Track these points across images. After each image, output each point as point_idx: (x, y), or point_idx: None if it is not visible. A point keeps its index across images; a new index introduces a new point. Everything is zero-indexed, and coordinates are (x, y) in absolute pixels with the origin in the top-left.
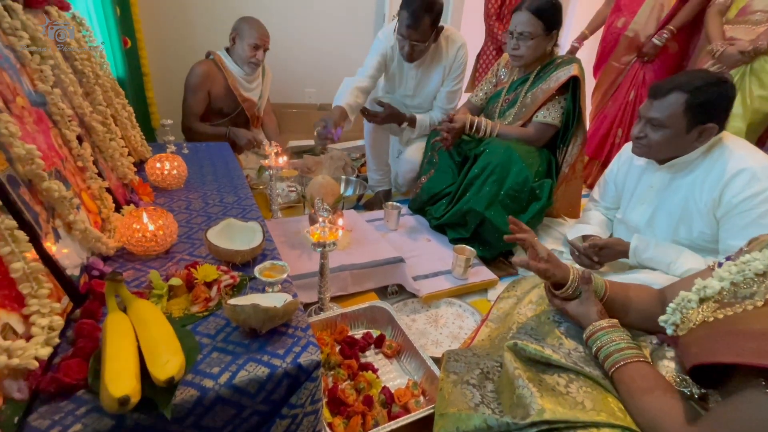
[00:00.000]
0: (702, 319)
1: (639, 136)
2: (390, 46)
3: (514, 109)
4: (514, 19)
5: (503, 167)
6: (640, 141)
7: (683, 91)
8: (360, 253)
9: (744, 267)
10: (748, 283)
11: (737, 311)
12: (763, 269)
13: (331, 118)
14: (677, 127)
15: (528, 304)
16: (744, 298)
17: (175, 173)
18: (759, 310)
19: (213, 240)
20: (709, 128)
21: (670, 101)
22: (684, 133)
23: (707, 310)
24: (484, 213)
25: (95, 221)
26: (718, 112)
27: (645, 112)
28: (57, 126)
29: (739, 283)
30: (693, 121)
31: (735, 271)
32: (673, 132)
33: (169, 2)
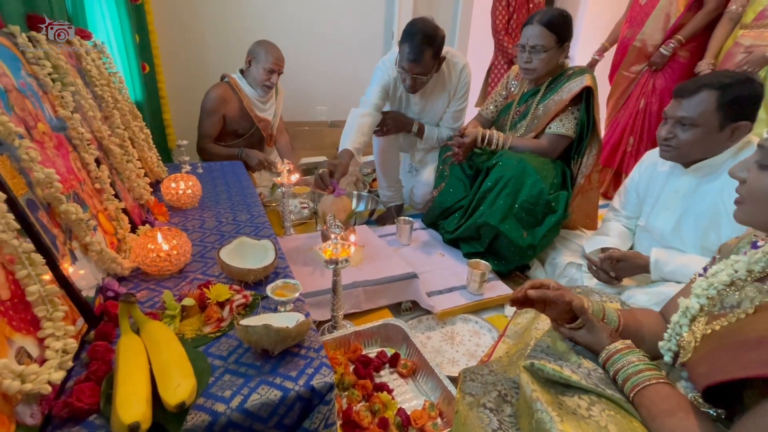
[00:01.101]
0: (701, 335)
1: (667, 137)
2: (392, 78)
3: (525, 121)
4: (525, 33)
5: (517, 180)
6: (669, 142)
7: (713, 88)
8: (373, 269)
9: (712, 281)
10: (724, 294)
11: (731, 321)
12: (729, 279)
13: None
14: (709, 125)
15: (546, 319)
16: (732, 307)
17: (190, 193)
18: (752, 318)
19: (225, 259)
20: (741, 126)
21: (700, 99)
22: (716, 132)
23: (701, 325)
24: (498, 227)
25: (111, 242)
26: (750, 109)
27: (673, 112)
28: (76, 150)
29: (716, 296)
30: (725, 118)
31: (705, 286)
32: (704, 131)
33: (186, 29)
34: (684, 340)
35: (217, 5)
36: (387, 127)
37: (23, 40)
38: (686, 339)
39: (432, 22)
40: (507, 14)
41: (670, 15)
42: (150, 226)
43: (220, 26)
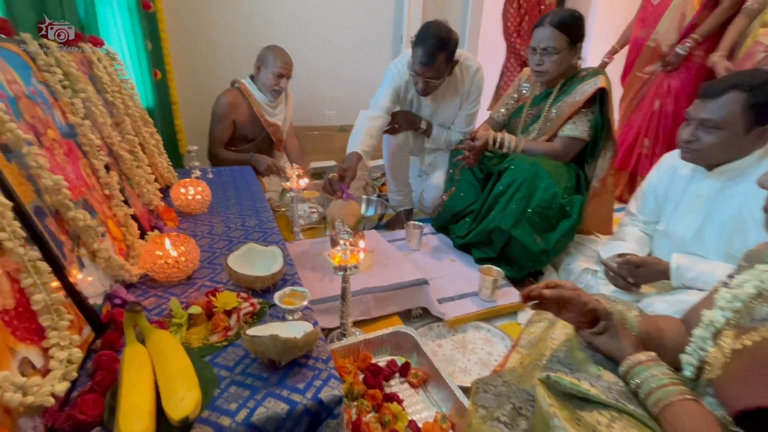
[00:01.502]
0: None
1: (689, 140)
2: (404, 81)
3: (537, 123)
4: (536, 35)
5: (530, 184)
6: (690, 145)
7: (741, 89)
8: (382, 275)
9: (737, 292)
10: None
11: (765, 335)
12: (756, 291)
13: (348, 167)
14: (735, 128)
15: (562, 328)
16: (763, 320)
17: (199, 198)
18: None
19: (233, 266)
20: None
21: (726, 101)
22: (742, 135)
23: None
24: (510, 231)
25: (120, 248)
26: None
27: (696, 114)
28: (86, 156)
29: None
30: (753, 121)
31: (730, 298)
32: (729, 134)
33: (197, 36)
34: (710, 356)
35: (227, 12)
36: (398, 125)
37: (34, 47)
38: (713, 354)
39: (446, 25)
40: (518, 16)
41: (685, 14)
42: (159, 232)
43: (231, 33)
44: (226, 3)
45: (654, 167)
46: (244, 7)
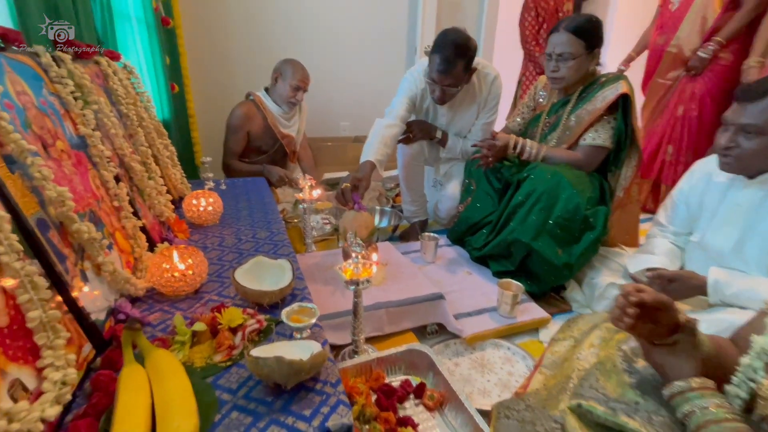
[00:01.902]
0: None
1: (728, 146)
2: (420, 89)
3: (556, 132)
4: (552, 41)
5: (551, 194)
6: (730, 152)
7: None
8: (396, 289)
9: None
10: None
11: None
12: None
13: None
14: None
15: (589, 348)
16: None
17: (211, 209)
18: None
19: (240, 280)
20: None
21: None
22: None
23: None
24: (531, 244)
25: (127, 261)
26: None
27: (735, 119)
28: (96, 167)
29: None
30: None
31: None
32: None
33: (215, 50)
34: (763, 388)
35: (243, 27)
36: (413, 134)
37: (47, 59)
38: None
39: (464, 32)
40: (537, 24)
41: (706, 17)
42: (169, 244)
43: (247, 46)
44: (242, 18)
45: (686, 174)
46: (260, 20)
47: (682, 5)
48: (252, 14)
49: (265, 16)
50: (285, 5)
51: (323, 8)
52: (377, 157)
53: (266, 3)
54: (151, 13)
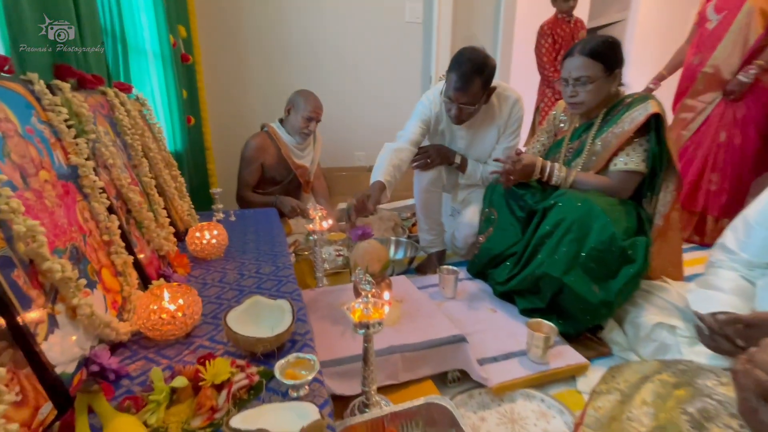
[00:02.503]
0: None
1: None
2: (435, 112)
3: (581, 158)
4: (566, 66)
5: (582, 223)
6: None
7: None
8: (413, 330)
9: None
10: None
11: None
12: None
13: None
14: None
15: (641, 407)
16: None
17: (215, 242)
18: None
19: (233, 324)
20: None
21: None
22: None
23: None
24: (562, 279)
25: (114, 301)
26: None
27: None
28: (87, 199)
29: None
30: None
31: None
32: None
33: (232, 85)
34: None
35: (262, 59)
36: (431, 159)
37: (40, 87)
38: None
39: (482, 51)
40: (554, 51)
41: (747, 37)
42: (165, 281)
43: (265, 79)
44: (260, 51)
45: (766, 192)
46: (277, 52)
47: (720, 24)
48: (269, 47)
49: (282, 47)
50: (301, 37)
51: (339, 39)
52: (386, 178)
53: (283, 34)
54: (168, 48)
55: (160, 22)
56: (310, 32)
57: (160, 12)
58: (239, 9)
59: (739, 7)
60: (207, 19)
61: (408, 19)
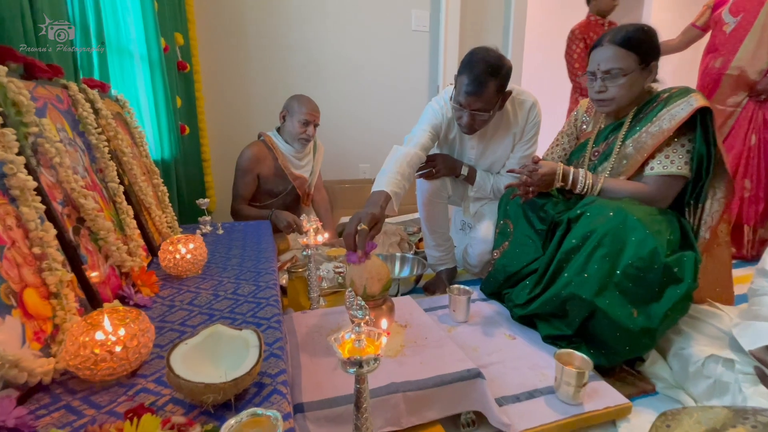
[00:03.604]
0: None
1: None
2: (446, 117)
3: (608, 162)
4: (594, 57)
5: (615, 236)
6: None
7: None
8: (418, 363)
9: None
10: None
11: None
12: None
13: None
14: None
15: None
16: None
17: (190, 258)
18: None
19: (179, 364)
20: None
21: None
22: None
23: None
24: (593, 301)
25: (37, 331)
26: None
27: None
28: (16, 202)
29: None
30: None
31: None
32: None
33: (232, 94)
34: None
35: (263, 69)
36: (436, 168)
37: None
38: None
39: (496, 51)
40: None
41: None
42: (121, 303)
43: (266, 89)
44: (261, 60)
45: None
46: (279, 62)
47: (739, 26)
48: (271, 56)
49: (284, 57)
50: (304, 46)
51: (343, 48)
52: (393, 188)
53: (286, 44)
54: (157, 52)
55: (149, 24)
56: (314, 41)
57: (148, 15)
58: (240, 18)
59: (757, 8)
60: (207, 28)
61: (414, 28)
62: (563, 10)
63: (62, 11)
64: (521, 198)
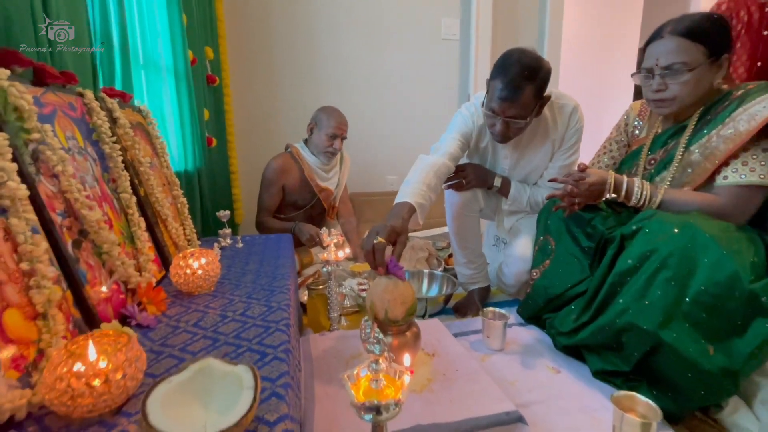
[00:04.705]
0: None
1: None
2: (477, 125)
3: (668, 172)
4: (651, 52)
5: (684, 257)
6: None
7: None
8: (448, 401)
9: None
10: None
11: None
12: None
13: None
14: None
15: None
16: None
17: (201, 273)
18: None
19: (154, 410)
20: None
21: None
22: None
23: None
24: (658, 333)
25: (18, 357)
26: None
27: None
28: (6, 213)
29: None
30: None
31: None
32: None
33: (261, 107)
34: None
35: (291, 81)
36: (466, 179)
37: None
38: None
39: (533, 52)
40: None
41: None
42: (120, 323)
43: (294, 101)
44: (290, 73)
45: None
46: (308, 74)
47: None
48: (300, 70)
49: (312, 69)
50: (331, 56)
51: (371, 58)
52: (418, 200)
53: (314, 56)
54: (183, 64)
55: (176, 38)
56: (341, 53)
57: (176, 29)
58: (269, 32)
59: None
60: (237, 43)
61: (444, 36)
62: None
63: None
64: (565, 211)
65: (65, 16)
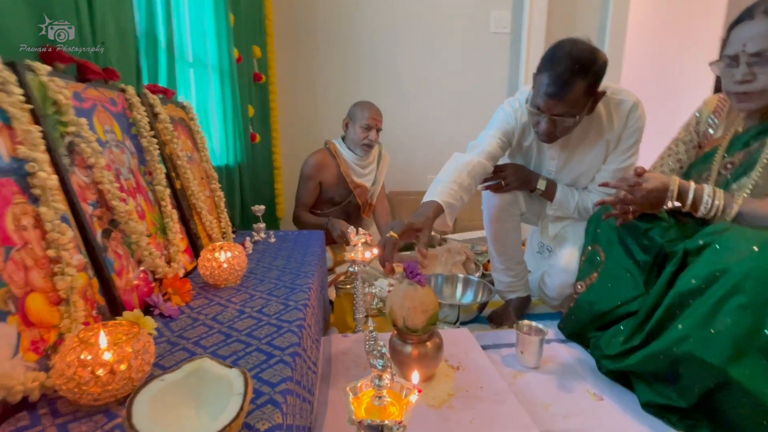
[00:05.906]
0: None
1: None
2: (520, 122)
3: (749, 178)
4: (737, 36)
5: (762, 281)
6: None
7: None
8: (468, 421)
9: None
10: None
11: None
12: None
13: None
14: None
15: None
16: None
17: (226, 267)
18: None
19: (140, 411)
20: None
21: None
22: None
23: None
24: (726, 370)
25: (38, 340)
26: None
27: None
28: (37, 201)
29: None
30: None
31: None
32: None
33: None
34: None
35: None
36: (506, 181)
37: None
38: None
39: (587, 43)
40: None
41: None
42: (141, 313)
43: (337, 98)
44: (335, 71)
45: None
46: (352, 72)
47: None
48: (343, 67)
49: (357, 66)
50: (375, 53)
51: (416, 53)
52: (446, 198)
53: (359, 53)
54: (227, 62)
55: (222, 37)
56: (386, 49)
57: (222, 28)
58: (315, 30)
59: None
60: (284, 41)
61: (494, 30)
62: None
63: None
64: (617, 219)
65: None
